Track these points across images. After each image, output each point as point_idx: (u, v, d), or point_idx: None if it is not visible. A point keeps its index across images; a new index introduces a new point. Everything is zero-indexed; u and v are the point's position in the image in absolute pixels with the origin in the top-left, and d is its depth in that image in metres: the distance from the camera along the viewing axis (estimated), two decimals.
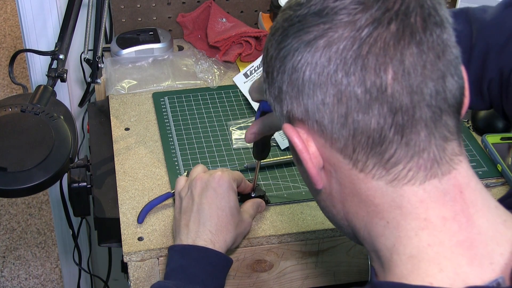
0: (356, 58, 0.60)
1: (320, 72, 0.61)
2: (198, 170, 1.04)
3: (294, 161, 0.72)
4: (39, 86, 1.20)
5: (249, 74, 1.39)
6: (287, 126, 0.65)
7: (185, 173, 1.09)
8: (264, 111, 0.95)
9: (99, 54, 1.33)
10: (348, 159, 0.63)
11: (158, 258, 1.03)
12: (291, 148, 0.70)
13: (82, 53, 1.38)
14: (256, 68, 1.38)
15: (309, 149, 0.65)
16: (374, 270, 0.67)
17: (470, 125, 1.28)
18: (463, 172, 0.63)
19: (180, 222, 0.99)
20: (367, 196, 0.64)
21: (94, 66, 1.35)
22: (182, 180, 1.05)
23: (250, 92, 0.95)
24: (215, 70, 1.41)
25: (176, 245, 0.96)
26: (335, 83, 0.60)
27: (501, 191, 1.13)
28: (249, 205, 1.06)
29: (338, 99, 0.61)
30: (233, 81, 1.40)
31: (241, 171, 1.16)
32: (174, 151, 1.22)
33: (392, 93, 0.60)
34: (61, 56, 1.28)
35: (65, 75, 1.26)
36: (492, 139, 1.21)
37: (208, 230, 0.95)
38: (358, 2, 0.60)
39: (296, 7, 0.64)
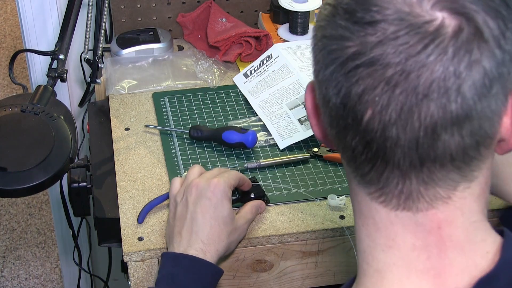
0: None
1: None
2: (195, 173, 1.04)
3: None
4: (39, 86, 1.20)
5: (249, 74, 1.39)
6: (308, 86, 0.67)
7: (185, 173, 1.09)
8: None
9: (99, 54, 1.33)
10: (341, 152, 0.64)
11: (158, 258, 1.03)
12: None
13: (82, 53, 1.38)
14: (256, 68, 1.38)
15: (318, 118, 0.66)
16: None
17: None
18: (446, 212, 0.61)
19: (173, 228, 0.99)
20: (353, 190, 0.65)
21: (94, 66, 1.35)
22: (177, 183, 1.05)
23: None
24: (215, 70, 1.41)
25: (168, 253, 0.97)
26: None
27: None
28: (247, 209, 1.06)
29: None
30: (233, 81, 1.40)
31: (241, 171, 1.16)
32: (174, 151, 1.22)
33: (366, 125, 0.58)
34: (61, 56, 1.28)
35: (65, 75, 1.26)
36: None
37: (200, 239, 0.96)
38: None
39: None
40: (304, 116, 1.25)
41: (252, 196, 1.09)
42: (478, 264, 0.62)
